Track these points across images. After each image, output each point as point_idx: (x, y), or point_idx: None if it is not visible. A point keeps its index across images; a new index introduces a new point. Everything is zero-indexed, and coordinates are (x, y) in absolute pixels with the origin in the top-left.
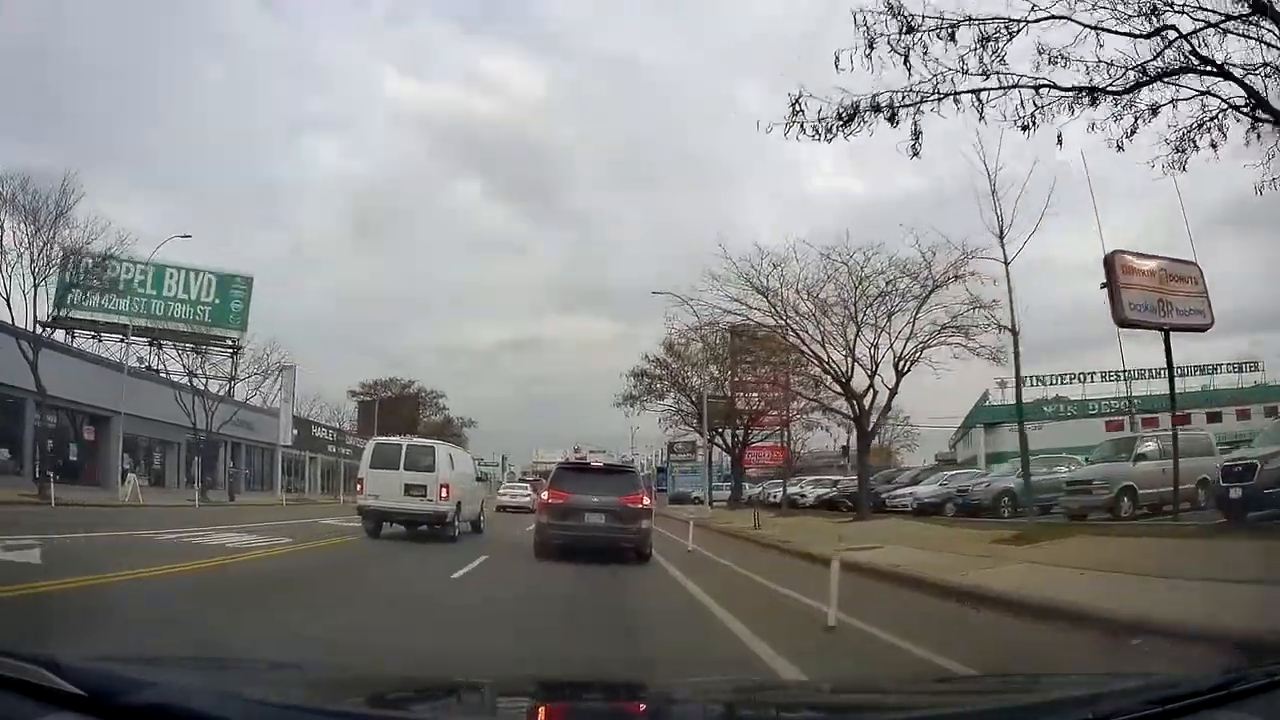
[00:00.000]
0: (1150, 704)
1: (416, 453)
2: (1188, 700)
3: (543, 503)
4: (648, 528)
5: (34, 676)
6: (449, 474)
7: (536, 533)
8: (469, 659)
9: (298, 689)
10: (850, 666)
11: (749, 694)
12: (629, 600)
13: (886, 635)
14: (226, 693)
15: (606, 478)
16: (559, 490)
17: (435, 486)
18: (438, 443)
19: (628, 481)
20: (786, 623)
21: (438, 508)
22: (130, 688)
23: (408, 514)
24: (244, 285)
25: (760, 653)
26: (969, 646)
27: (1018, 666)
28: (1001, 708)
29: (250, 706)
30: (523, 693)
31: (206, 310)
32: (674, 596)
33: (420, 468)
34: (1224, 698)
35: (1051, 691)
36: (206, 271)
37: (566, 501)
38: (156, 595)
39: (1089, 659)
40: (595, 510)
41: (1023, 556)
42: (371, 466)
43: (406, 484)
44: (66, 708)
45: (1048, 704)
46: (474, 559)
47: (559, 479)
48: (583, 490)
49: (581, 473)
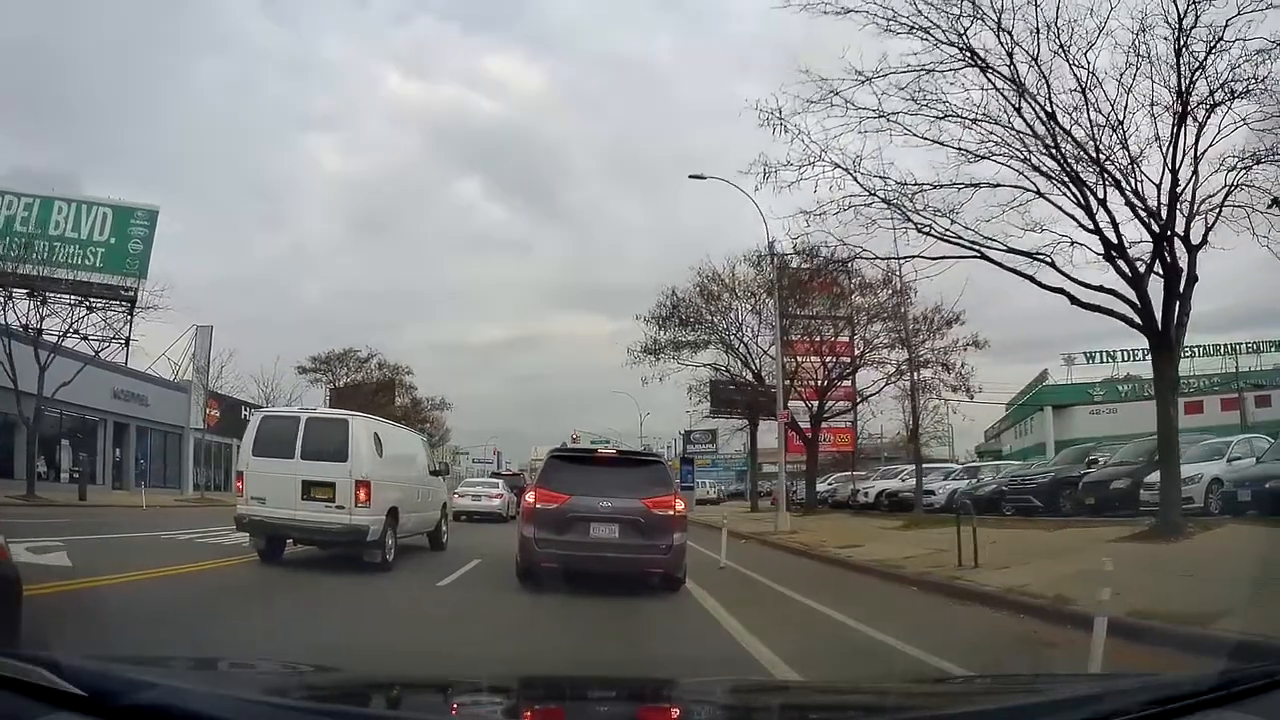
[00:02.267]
0: (1150, 704)
1: (321, 431)
2: (1188, 700)
3: (528, 508)
4: (681, 544)
5: (34, 677)
6: (372, 465)
7: (520, 552)
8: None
9: (296, 689)
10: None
11: (748, 694)
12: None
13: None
14: (226, 693)
15: (622, 472)
16: (552, 490)
17: (348, 486)
18: (355, 415)
19: (653, 477)
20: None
21: (353, 520)
22: (130, 688)
23: (306, 529)
24: (146, 220)
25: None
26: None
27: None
28: (1001, 708)
29: (249, 707)
30: (521, 692)
31: (99, 253)
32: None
33: (326, 455)
34: (1224, 698)
35: (1051, 691)
36: (101, 205)
37: (563, 507)
38: None
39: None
40: (606, 519)
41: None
42: (255, 454)
43: (305, 481)
44: (67, 708)
45: (1048, 704)
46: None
47: (552, 474)
48: (587, 490)
49: (585, 465)
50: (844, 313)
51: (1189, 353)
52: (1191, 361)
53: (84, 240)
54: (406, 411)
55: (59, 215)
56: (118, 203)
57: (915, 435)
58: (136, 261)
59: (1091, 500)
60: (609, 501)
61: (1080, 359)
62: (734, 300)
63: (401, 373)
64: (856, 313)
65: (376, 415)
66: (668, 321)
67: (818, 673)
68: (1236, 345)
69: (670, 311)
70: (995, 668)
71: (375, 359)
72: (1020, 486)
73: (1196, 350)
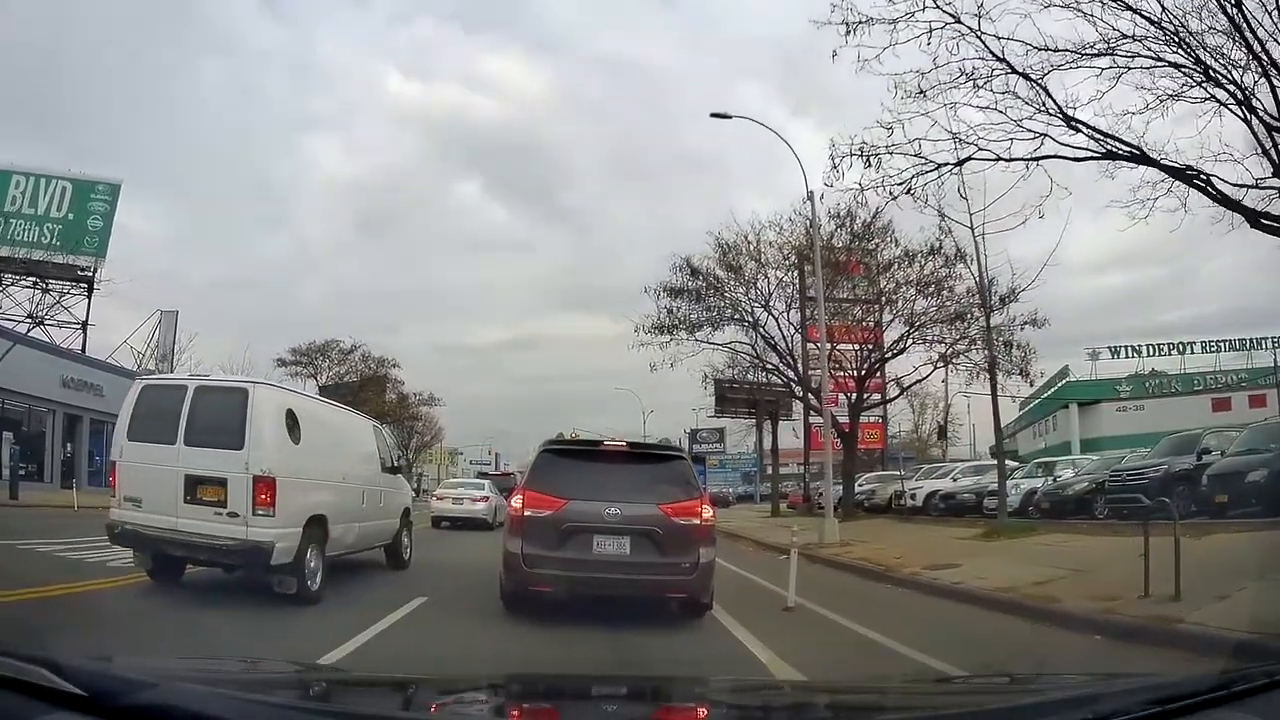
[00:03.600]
0: (1150, 704)
1: (211, 405)
2: (1187, 700)
3: (514, 516)
4: (709, 562)
5: (34, 676)
6: (280, 454)
7: (504, 571)
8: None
9: (296, 689)
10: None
11: (748, 693)
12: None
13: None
14: (226, 693)
15: (634, 470)
16: (545, 492)
17: (243, 484)
18: (260, 383)
19: (674, 475)
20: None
21: (251, 533)
22: (131, 688)
23: (190, 544)
24: (107, 195)
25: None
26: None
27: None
28: (1001, 708)
29: (249, 707)
30: (521, 692)
31: (56, 230)
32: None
33: (216, 440)
34: (1224, 698)
35: (1051, 691)
36: (61, 179)
37: (559, 514)
38: None
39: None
40: (614, 531)
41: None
42: (130, 437)
43: (188, 477)
44: (67, 708)
45: (1048, 704)
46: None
47: (545, 472)
48: (590, 492)
49: (587, 460)
50: (886, 286)
51: (1215, 347)
52: (1218, 356)
53: (40, 216)
54: (392, 407)
55: (16, 190)
56: (78, 176)
57: (997, 421)
58: (95, 239)
59: (1224, 497)
60: (617, 507)
61: (1105, 353)
62: (760, 271)
63: (388, 365)
64: (899, 287)
65: (362, 412)
66: (682, 295)
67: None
68: (1262, 340)
69: (690, 276)
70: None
71: (359, 350)
72: (1126, 483)
73: (1222, 345)
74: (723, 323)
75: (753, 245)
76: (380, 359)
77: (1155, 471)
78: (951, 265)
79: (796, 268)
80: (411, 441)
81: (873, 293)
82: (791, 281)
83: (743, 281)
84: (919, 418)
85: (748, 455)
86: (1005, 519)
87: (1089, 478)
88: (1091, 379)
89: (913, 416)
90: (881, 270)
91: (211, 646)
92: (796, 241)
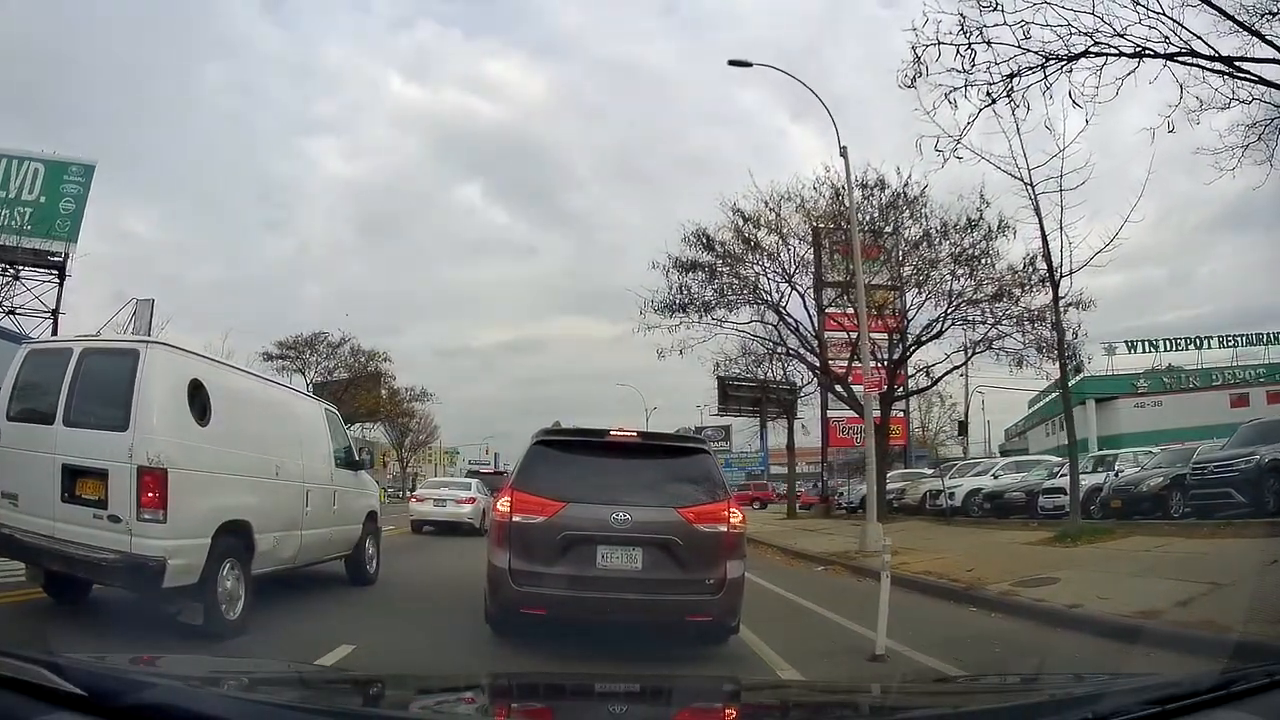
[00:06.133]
0: (1150, 704)
1: (96, 374)
2: (1187, 700)
3: (499, 522)
4: (738, 577)
5: (34, 676)
6: (173, 438)
7: (489, 589)
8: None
9: (296, 689)
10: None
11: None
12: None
13: None
14: (226, 693)
15: (646, 466)
16: (538, 493)
17: (125, 477)
18: (154, 344)
19: (695, 472)
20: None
21: (136, 544)
22: (131, 688)
23: (66, 555)
24: (80, 177)
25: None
26: None
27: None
28: (1001, 708)
29: (250, 706)
30: (521, 691)
31: (27, 213)
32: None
33: (97, 420)
34: (1224, 698)
35: (1051, 691)
36: (33, 160)
37: (554, 520)
38: None
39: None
40: (622, 540)
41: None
42: (10, 416)
43: (66, 467)
44: (67, 708)
45: (1048, 704)
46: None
47: (538, 469)
48: (592, 493)
49: (589, 454)
50: (919, 263)
51: (1233, 342)
52: (1235, 351)
53: (12, 199)
54: (384, 403)
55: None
56: (51, 157)
57: (1069, 409)
58: (68, 223)
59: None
60: (627, 512)
61: (1121, 348)
62: (783, 243)
63: (379, 359)
64: (934, 265)
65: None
66: (695, 270)
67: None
68: (1277, 334)
69: (705, 248)
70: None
71: (348, 344)
72: (1211, 476)
73: (1239, 340)
74: (739, 304)
75: (773, 215)
76: (371, 352)
77: (1244, 463)
78: (991, 239)
79: (817, 244)
80: (406, 439)
81: (905, 271)
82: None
83: (762, 255)
84: (925, 416)
85: (751, 455)
86: (1079, 520)
87: (1162, 472)
88: (1108, 374)
89: (920, 414)
90: (913, 246)
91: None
92: (820, 211)
